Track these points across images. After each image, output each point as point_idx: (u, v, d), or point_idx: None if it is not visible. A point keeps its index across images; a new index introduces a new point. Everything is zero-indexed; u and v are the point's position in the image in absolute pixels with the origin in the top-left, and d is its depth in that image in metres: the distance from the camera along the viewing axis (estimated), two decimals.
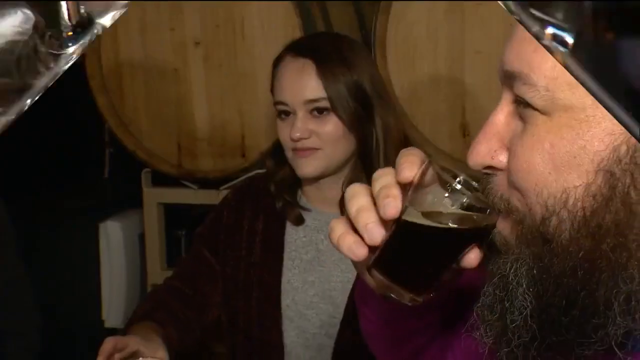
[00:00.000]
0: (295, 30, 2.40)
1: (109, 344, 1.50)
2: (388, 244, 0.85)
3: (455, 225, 0.82)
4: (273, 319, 1.87)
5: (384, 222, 0.86)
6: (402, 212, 0.84)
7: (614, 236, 0.73)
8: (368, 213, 0.87)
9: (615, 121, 0.70)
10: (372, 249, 0.87)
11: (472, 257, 0.86)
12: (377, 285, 0.89)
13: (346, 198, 0.91)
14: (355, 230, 0.88)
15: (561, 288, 0.76)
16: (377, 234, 0.85)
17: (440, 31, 2.37)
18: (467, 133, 2.37)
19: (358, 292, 1.15)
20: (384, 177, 0.88)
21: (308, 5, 2.49)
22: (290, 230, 1.91)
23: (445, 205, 0.82)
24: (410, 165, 0.85)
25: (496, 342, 0.83)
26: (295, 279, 1.88)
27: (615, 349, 0.74)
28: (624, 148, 0.72)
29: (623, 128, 0.70)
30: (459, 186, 0.81)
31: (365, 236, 0.86)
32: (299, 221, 1.91)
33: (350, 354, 1.83)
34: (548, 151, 0.75)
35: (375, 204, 0.87)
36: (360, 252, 0.87)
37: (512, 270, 0.79)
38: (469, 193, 0.81)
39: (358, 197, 0.89)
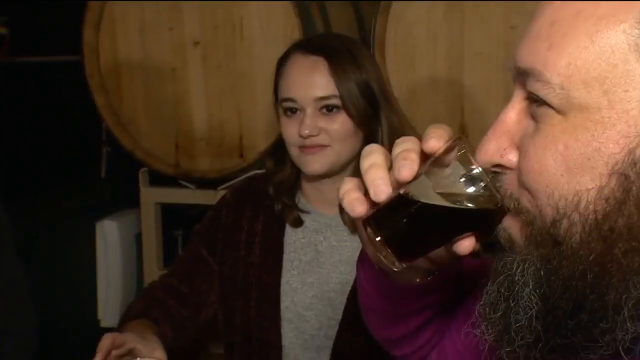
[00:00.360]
0: (295, 30, 2.40)
1: (107, 340, 1.49)
2: (389, 204, 0.85)
3: (459, 207, 0.81)
4: (272, 319, 1.87)
5: (393, 184, 0.85)
6: (414, 178, 0.83)
7: (626, 240, 0.72)
8: (379, 170, 0.86)
9: (630, 123, 0.70)
10: (373, 207, 0.87)
11: (465, 244, 0.85)
12: (367, 242, 0.88)
13: (362, 155, 0.90)
14: (365, 193, 0.87)
15: (569, 291, 0.75)
16: (383, 191, 0.84)
17: (439, 32, 2.37)
18: (466, 134, 2.37)
19: (359, 266, 1.15)
20: (407, 143, 0.88)
21: (307, 5, 2.49)
22: (290, 231, 1.91)
23: (458, 186, 0.82)
24: (439, 137, 0.85)
25: (497, 340, 0.82)
26: (295, 280, 1.88)
27: (622, 354, 0.74)
28: (639, 151, 0.71)
29: (638, 130, 0.70)
30: (478, 170, 0.80)
31: (371, 191, 0.85)
32: (298, 223, 1.90)
33: (348, 356, 1.83)
34: (561, 153, 0.74)
35: (389, 168, 0.87)
36: (358, 209, 0.87)
37: (518, 270, 0.79)
38: (489, 181, 0.80)
39: (373, 155, 0.89)
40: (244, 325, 1.90)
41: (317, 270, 1.87)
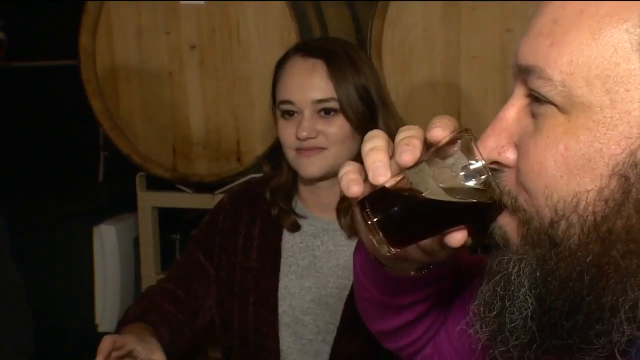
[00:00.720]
0: (291, 34, 2.40)
1: (108, 341, 1.49)
2: (386, 188, 0.84)
3: (455, 200, 0.81)
4: (270, 324, 1.86)
5: (393, 169, 0.84)
6: (415, 165, 0.83)
7: (624, 242, 0.71)
8: (380, 153, 0.86)
9: (632, 123, 0.70)
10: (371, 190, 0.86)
11: (457, 236, 0.85)
12: (361, 224, 0.88)
13: (364, 139, 0.90)
14: (365, 178, 0.87)
15: (566, 292, 0.74)
16: (382, 174, 0.84)
17: (436, 35, 2.37)
18: None
19: (355, 257, 1.14)
20: (410, 130, 0.87)
21: (304, 8, 2.49)
22: (287, 235, 1.91)
23: (458, 177, 0.81)
24: (444, 127, 0.84)
25: (491, 340, 0.82)
26: (292, 284, 1.88)
27: (617, 356, 0.73)
28: None
29: None
30: (481, 163, 0.80)
31: (370, 173, 0.84)
32: (295, 228, 1.90)
33: None
34: (562, 153, 0.73)
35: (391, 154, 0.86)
36: (353, 189, 0.86)
37: (514, 270, 0.78)
38: (490, 175, 0.80)
39: (375, 139, 0.88)
40: (242, 329, 1.90)
41: (314, 274, 1.87)
